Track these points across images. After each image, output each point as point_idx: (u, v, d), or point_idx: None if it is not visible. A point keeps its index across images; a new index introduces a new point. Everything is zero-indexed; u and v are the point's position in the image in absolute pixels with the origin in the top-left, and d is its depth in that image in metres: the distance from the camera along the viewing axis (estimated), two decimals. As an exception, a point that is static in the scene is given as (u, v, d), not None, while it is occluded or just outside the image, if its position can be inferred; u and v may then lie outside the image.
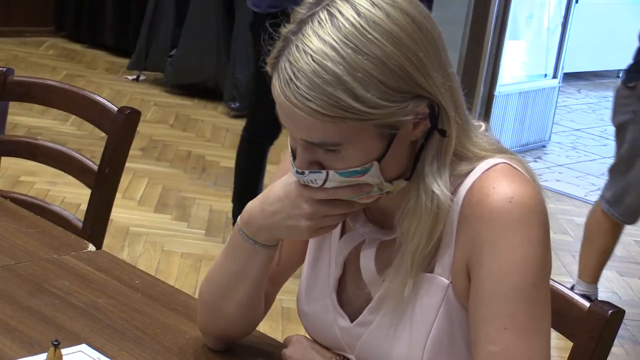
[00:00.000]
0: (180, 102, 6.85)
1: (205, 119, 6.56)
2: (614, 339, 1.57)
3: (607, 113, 8.80)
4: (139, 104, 5.44)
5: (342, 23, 1.29)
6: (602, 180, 6.47)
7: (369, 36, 1.29)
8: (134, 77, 7.28)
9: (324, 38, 1.29)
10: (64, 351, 1.37)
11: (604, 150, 7.47)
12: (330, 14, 1.30)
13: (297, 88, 1.29)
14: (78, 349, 1.56)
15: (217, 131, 6.33)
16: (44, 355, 1.37)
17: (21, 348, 1.53)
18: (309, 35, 1.30)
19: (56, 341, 1.35)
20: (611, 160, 6.95)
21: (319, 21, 1.30)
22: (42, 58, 7.56)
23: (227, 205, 4.92)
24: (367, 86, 1.28)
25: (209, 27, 6.75)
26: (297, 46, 1.30)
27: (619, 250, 5.12)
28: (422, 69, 1.32)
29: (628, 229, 5.52)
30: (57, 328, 1.61)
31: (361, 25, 1.29)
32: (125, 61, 7.48)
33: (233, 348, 1.62)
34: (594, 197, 5.96)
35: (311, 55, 1.29)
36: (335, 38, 1.29)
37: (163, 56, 7.03)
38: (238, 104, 6.60)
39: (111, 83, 7.05)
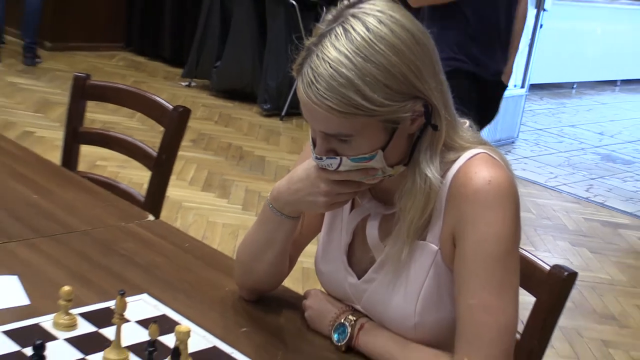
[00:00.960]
0: (223, 103, 6.84)
1: (243, 117, 6.54)
2: (568, 296, 1.56)
3: (564, 117, 8.94)
4: (190, 105, 5.38)
5: (354, 37, 1.28)
6: (559, 170, 6.52)
7: (376, 48, 1.27)
8: (187, 83, 7.26)
9: (339, 49, 1.28)
10: (128, 299, 1.37)
11: (560, 146, 7.46)
12: (345, 30, 1.29)
13: (317, 89, 1.28)
14: (140, 298, 1.56)
15: (252, 127, 6.31)
16: (113, 302, 1.37)
17: (95, 296, 1.54)
18: (327, 47, 1.29)
19: (122, 291, 1.35)
20: (566, 154, 6.99)
21: (335, 35, 1.29)
22: (114, 68, 7.56)
23: (260, 186, 4.95)
24: (374, 88, 1.27)
25: (246, 44, 6.73)
26: (317, 55, 1.29)
27: (570, 224, 5.13)
28: (419, 76, 1.31)
29: (577, 208, 5.52)
30: (123, 281, 1.62)
31: (370, 39, 1.28)
32: (179, 71, 7.46)
33: (263, 299, 1.62)
34: (552, 183, 5.98)
35: (329, 63, 1.28)
36: (348, 49, 1.27)
37: (210, 67, 7.01)
38: (269, 105, 6.58)
39: (168, 88, 7.04)
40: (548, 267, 1.56)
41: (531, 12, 6.77)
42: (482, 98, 3.31)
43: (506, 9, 3.11)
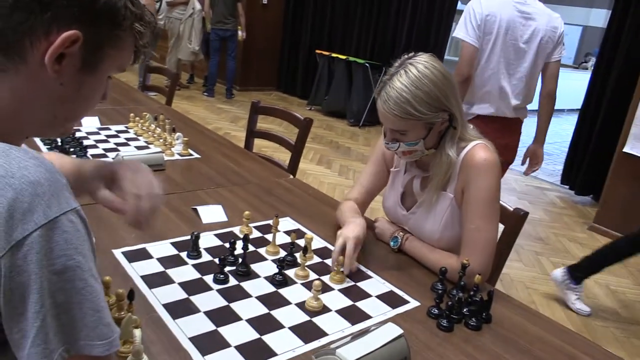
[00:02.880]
0: (329, 119, 6.73)
1: (338, 126, 6.42)
2: (522, 226, 1.46)
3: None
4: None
5: (410, 75, 1.19)
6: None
7: (423, 81, 1.19)
8: (309, 108, 7.18)
9: (402, 82, 1.19)
10: (279, 219, 1.34)
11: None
12: (405, 71, 1.21)
13: (389, 105, 1.21)
14: (285, 219, 1.52)
15: (344, 131, 6.19)
16: (271, 220, 1.34)
17: (261, 217, 1.51)
18: (395, 81, 1.21)
19: (276, 214, 1.32)
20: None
21: (399, 74, 1.21)
22: (271, 100, 7.52)
23: (348, 163, 4.86)
24: (421, 105, 1.19)
25: (341, 87, 6.60)
26: (389, 85, 1.22)
27: (517, 187, 4.87)
28: (447, 98, 1.22)
29: (521, 179, 5.22)
30: (276, 209, 1.58)
31: (419, 77, 1.19)
32: (305, 101, 7.40)
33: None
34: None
35: (395, 90, 1.20)
36: (406, 82, 1.19)
37: (322, 99, 6.91)
38: (353, 120, 6.44)
39: (300, 110, 6.96)
40: (512, 209, 1.46)
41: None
42: None
43: None
